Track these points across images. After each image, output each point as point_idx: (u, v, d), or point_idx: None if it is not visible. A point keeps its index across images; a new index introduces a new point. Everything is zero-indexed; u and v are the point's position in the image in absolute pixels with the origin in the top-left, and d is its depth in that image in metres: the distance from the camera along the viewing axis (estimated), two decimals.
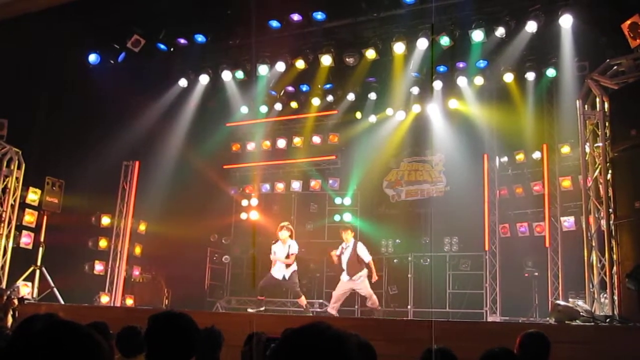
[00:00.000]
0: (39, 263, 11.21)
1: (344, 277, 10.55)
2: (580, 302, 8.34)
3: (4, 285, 10.35)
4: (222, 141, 15.10)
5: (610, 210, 8.18)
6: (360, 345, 3.59)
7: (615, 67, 8.63)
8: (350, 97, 13.76)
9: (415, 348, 3.97)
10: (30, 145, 11.29)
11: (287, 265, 10.50)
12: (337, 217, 14.88)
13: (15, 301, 7.83)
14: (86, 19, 10.92)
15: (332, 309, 10.54)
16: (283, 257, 10.49)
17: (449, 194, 14.14)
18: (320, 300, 14.02)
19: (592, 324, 7.33)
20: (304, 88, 13.96)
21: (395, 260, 13.62)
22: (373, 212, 14.71)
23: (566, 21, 10.18)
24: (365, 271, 10.48)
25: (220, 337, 4.34)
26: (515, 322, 10.59)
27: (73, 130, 11.73)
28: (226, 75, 12.95)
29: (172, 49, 12.45)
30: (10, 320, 7.37)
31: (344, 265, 10.55)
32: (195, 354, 2.91)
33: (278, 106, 14.66)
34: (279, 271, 10.57)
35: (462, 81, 12.51)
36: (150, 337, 2.86)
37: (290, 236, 10.66)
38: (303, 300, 10.82)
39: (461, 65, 12.34)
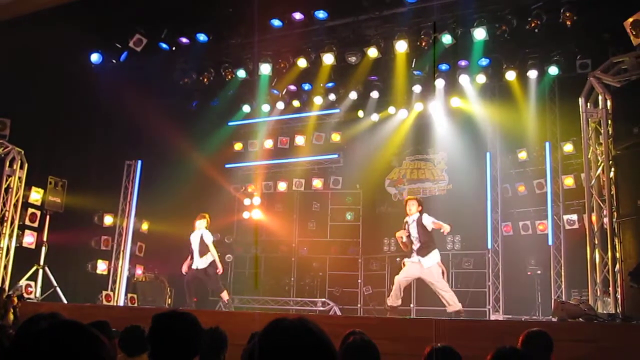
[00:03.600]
0: (41, 262, 11.23)
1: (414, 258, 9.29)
2: (583, 300, 8.32)
3: (7, 284, 10.36)
4: (224, 140, 15.13)
5: (613, 208, 8.16)
6: (364, 343, 3.60)
7: (618, 65, 8.60)
8: (353, 95, 13.74)
9: (418, 346, 3.97)
10: (33, 144, 11.29)
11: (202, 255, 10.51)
12: None
13: (15, 299, 7.82)
14: (88, 19, 10.92)
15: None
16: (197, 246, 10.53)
17: (451, 193, 14.11)
18: (323, 299, 14.01)
19: (595, 322, 7.32)
20: (306, 87, 13.94)
21: (397, 259, 13.57)
22: (375, 211, 14.69)
23: (568, 19, 10.16)
24: (436, 252, 9.15)
25: (225, 338, 4.30)
26: (518, 321, 10.58)
27: (76, 130, 11.73)
28: (228, 74, 12.97)
29: (174, 48, 12.44)
30: (12, 318, 7.36)
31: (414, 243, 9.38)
32: (198, 353, 2.90)
33: (280, 105, 14.66)
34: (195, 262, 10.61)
35: (464, 79, 12.49)
36: (154, 336, 2.86)
37: (206, 226, 10.76)
38: (225, 295, 10.82)
39: (463, 63, 12.31)
